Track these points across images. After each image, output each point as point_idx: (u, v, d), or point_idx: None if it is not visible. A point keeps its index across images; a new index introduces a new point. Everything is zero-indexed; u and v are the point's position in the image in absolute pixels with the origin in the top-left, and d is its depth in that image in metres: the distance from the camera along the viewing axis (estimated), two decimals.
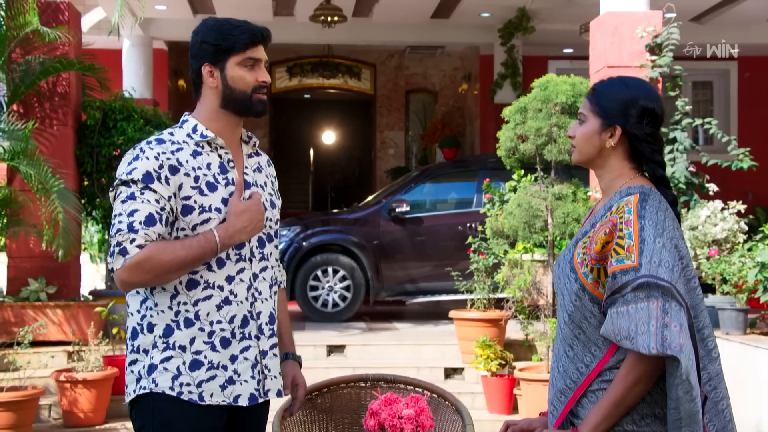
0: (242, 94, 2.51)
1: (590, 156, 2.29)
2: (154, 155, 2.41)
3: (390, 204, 9.58)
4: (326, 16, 10.57)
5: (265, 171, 2.69)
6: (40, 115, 7.66)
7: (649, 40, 7.71)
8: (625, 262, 2.09)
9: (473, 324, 7.36)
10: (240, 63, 2.50)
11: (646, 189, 2.18)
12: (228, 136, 2.56)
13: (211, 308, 2.44)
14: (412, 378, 3.02)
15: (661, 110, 2.26)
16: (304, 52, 15.68)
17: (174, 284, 2.42)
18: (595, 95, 2.28)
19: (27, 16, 7.00)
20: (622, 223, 2.12)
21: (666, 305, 2.03)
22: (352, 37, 12.87)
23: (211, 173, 2.48)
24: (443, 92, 15.97)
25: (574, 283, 2.20)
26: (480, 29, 12.83)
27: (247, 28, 2.51)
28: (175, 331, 2.42)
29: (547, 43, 13.13)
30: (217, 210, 2.44)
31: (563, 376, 2.22)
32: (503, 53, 12.68)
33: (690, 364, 2.01)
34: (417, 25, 12.66)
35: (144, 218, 2.35)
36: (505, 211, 6.07)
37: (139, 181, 2.37)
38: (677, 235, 2.12)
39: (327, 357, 7.75)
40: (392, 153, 16.22)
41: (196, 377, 2.42)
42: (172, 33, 12.48)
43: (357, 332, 8.66)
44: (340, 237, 9.60)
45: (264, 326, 2.52)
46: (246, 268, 2.50)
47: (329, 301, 9.52)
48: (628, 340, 2.04)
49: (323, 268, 9.51)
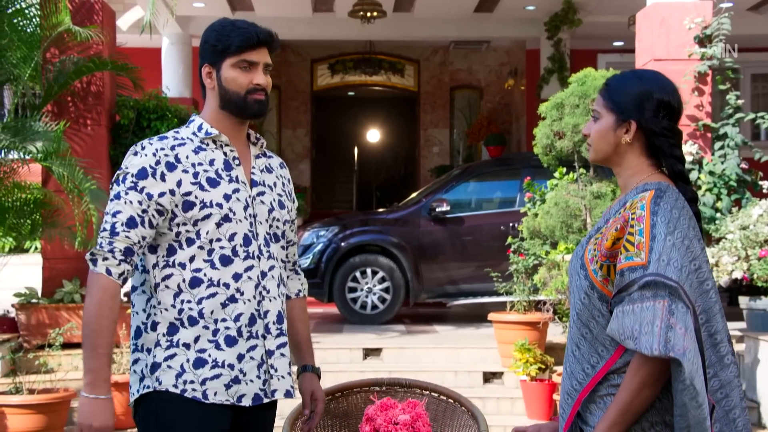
0: (236, 96, 2.53)
1: (606, 153, 2.25)
2: (152, 151, 2.46)
3: (430, 203, 9.54)
4: (365, 11, 10.58)
5: (276, 172, 2.70)
6: (74, 115, 7.78)
7: (698, 31, 7.57)
8: (634, 259, 2.05)
9: (512, 327, 7.29)
10: (234, 65, 2.52)
11: (663, 185, 2.14)
12: (232, 136, 2.58)
13: (216, 306, 2.46)
14: (428, 382, 2.99)
15: (678, 103, 2.21)
16: (346, 49, 15.71)
17: (177, 282, 2.45)
18: (608, 90, 2.25)
19: (59, 15, 7.12)
20: (633, 219, 2.09)
21: (673, 306, 1.99)
22: (394, 32, 12.86)
23: (214, 169, 2.51)
24: (489, 88, 15.87)
25: (584, 280, 2.17)
26: (525, 23, 12.73)
27: (245, 30, 2.52)
28: (179, 329, 2.45)
29: (595, 36, 12.97)
30: (218, 205, 2.46)
31: (570, 377, 2.18)
32: (550, 47, 12.55)
33: (694, 369, 1.96)
34: (460, 19, 12.60)
35: (126, 220, 2.41)
36: (542, 210, 6.00)
37: (131, 176, 2.43)
38: (691, 234, 2.07)
39: (363, 360, 7.74)
40: (436, 151, 16.17)
41: (200, 375, 2.44)
42: None
43: (395, 335, 8.64)
44: (379, 237, 9.58)
45: (271, 325, 2.54)
46: (254, 265, 2.52)
47: (368, 303, 9.51)
48: (631, 339, 2.00)
49: (362, 269, 9.49)
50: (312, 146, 16.38)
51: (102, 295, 2.39)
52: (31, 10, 7.24)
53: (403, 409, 2.36)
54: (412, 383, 3.00)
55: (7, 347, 6.86)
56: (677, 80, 7.44)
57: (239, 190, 2.53)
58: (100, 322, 2.38)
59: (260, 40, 2.53)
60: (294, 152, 16.05)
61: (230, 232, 2.48)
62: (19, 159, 6.93)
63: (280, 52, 15.57)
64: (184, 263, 2.46)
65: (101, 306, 2.38)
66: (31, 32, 7.17)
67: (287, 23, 12.51)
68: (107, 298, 2.39)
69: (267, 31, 2.57)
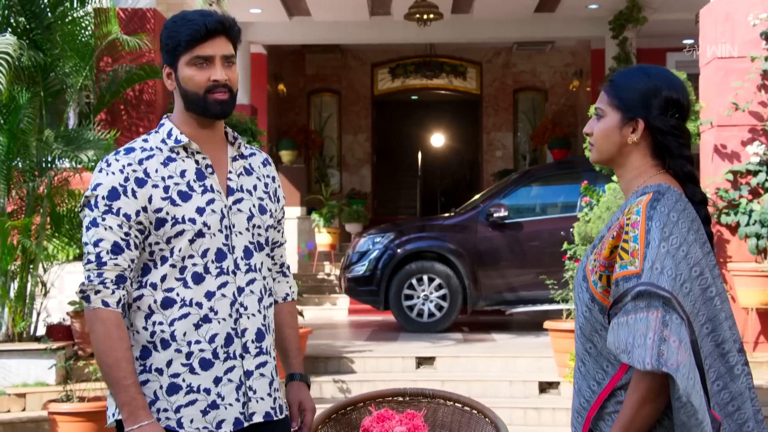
0: (195, 96, 2.34)
1: (610, 154, 2.16)
2: (119, 168, 2.32)
3: (488, 209, 9.48)
4: (421, 13, 10.58)
5: (257, 173, 2.52)
6: (126, 124, 7.94)
7: (763, 27, 7.37)
8: (629, 267, 1.97)
9: (569, 335, 7.17)
10: (189, 62, 2.33)
11: (663, 188, 2.04)
12: (204, 139, 2.41)
13: (189, 327, 2.32)
14: (451, 392, 2.95)
15: (687, 100, 2.12)
16: (407, 52, 15.74)
17: (148, 303, 2.33)
18: (612, 87, 2.15)
19: (109, 24, 7.28)
20: (629, 225, 2.00)
21: (666, 317, 1.90)
22: (454, 34, 12.84)
23: (185, 181, 2.36)
24: (554, 90, 15.71)
25: (585, 292, 2.10)
26: (589, 22, 12.58)
27: (194, 22, 2.32)
28: (152, 353, 2.33)
29: (663, 34, 12.75)
30: (191, 221, 2.32)
31: (578, 395, 2.12)
32: (615, 47, 12.37)
33: (690, 384, 1.87)
34: (521, 20, 12.52)
35: (110, 247, 2.29)
36: (593, 215, 5.89)
37: (103, 198, 2.30)
38: (690, 239, 1.98)
39: (416, 369, 7.72)
40: (500, 155, 16.06)
41: (174, 402, 2.32)
42: (269, 36, 12.76)
43: (450, 343, 8.59)
44: (436, 244, 9.55)
45: (249, 344, 2.39)
46: (229, 282, 2.37)
47: (425, 311, 9.49)
48: (625, 353, 1.92)
49: (418, 276, 9.48)
50: (373, 151, 16.43)
51: (105, 329, 2.27)
52: (86, 19, 7.42)
53: (401, 420, 2.32)
54: (436, 393, 2.95)
55: (62, 355, 7.03)
56: (742, 78, 7.27)
57: (214, 200, 2.37)
58: (113, 355, 2.26)
59: (209, 30, 2.31)
60: (354, 158, 16.12)
61: (203, 248, 2.34)
62: (72, 168, 7.11)
63: (340, 56, 15.72)
64: (156, 283, 2.33)
65: (108, 339, 2.27)
66: (84, 42, 7.36)
67: (345, 27, 12.60)
68: (112, 328, 2.27)
69: (218, 18, 2.35)
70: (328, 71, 15.92)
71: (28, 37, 7.21)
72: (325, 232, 13.27)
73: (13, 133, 7.09)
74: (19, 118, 7.00)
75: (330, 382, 7.33)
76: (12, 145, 7.04)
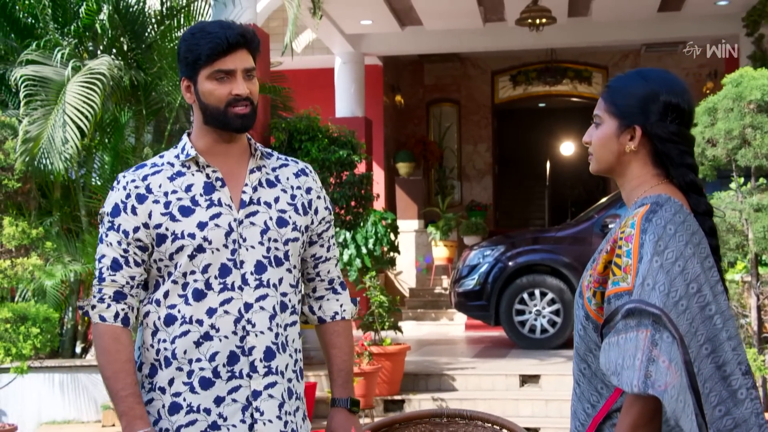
0: (215, 110, 2.34)
1: (609, 164, 2.09)
2: (123, 185, 2.38)
3: (603, 219, 9.26)
4: (533, 18, 10.45)
5: (282, 185, 2.47)
6: None
7: None
8: (620, 284, 1.89)
9: None
10: (209, 76, 2.34)
11: (662, 198, 1.95)
12: (221, 152, 2.42)
13: (189, 345, 2.32)
14: (489, 414, 2.91)
15: (689, 105, 2.02)
16: (528, 59, 15.57)
17: (153, 320, 2.37)
18: (609, 93, 2.07)
19: None
20: (622, 239, 1.93)
21: (656, 336, 1.81)
22: (573, 39, 12.63)
23: (190, 195, 2.36)
24: None
25: (580, 309, 2.04)
26: (720, 19, 12.10)
27: (215, 36, 2.32)
28: (158, 371, 2.35)
29: None
30: (190, 236, 2.32)
31: (573, 418, 2.06)
32: (750, 45, 11.86)
33: (679, 407, 1.77)
34: (644, 20, 12.18)
35: (110, 263, 2.35)
36: None
37: (108, 215, 2.37)
38: (688, 253, 1.88)
39: (520, 387, 7.61)
40: None
41: (175, 422, 2.32)
42: (382, 47, 12.88)
43: (559, 361, 8.42)
44: (548, 257, 9.41)
45: (258, 363, 2.34)
46: (234, 298, 2.34)
47: (537, 327, 9.35)
48: (615, 375, 1.84)
49: (530, 290, 9.36)
50: (494, 161, 16.31)
51: (103, 342, 2.34)
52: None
53: None
54: (474, 415, 2.92)
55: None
56: None
57: (220, 214, 2.35)
58: (112, 367, 2.32)
59: (231, 44, 2.31)
60: (475, 168, 16.05)
61: (204, 264, 2.33)
62: None
63: (459, 65, 15.71)
64: (159, 300, 2.36)
65: (106, 352, 2.33)
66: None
67: (459, 35, 12.59)
68: (109, 342, 2.33)
69: (240, 31, 2.35)
70: (447, 81, 15.93)
71: (132, 57, 7.56)
72: (441, 246, 13.27)
73: (116, 152, 7.44)
74: (123, 137, 7.34)
75: (429, 399, 7.33)
76: (116, 164, 7.39)
